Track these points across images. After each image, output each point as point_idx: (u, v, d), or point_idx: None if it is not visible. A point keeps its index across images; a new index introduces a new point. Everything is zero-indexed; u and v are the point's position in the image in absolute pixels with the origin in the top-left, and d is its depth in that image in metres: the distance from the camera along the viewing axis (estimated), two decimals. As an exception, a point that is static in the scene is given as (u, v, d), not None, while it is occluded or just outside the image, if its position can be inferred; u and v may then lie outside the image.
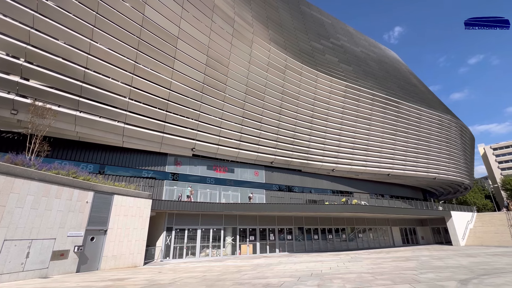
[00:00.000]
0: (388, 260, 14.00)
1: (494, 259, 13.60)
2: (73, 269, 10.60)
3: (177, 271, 11.56)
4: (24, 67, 12.83)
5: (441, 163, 38.81)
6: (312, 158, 27.84)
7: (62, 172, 10.93)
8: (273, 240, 22.19)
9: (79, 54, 14.26)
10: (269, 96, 23.82)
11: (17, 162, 9.37)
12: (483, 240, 27.83)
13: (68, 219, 10.66)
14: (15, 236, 8.78)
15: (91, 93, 15.10)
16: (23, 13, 12.37)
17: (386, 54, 49.76)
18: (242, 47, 21.26)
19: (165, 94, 18.07)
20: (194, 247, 18.56)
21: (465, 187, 47.55)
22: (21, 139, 14.82)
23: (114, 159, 18.81)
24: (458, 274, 8.74)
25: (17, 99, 12.87)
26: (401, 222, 32.31)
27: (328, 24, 39.60)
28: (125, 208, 13.44)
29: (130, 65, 16.23)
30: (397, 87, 38.43)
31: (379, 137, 32.12)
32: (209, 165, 22.99)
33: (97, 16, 14.45)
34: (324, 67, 28.45)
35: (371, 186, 35.72)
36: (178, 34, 17.61)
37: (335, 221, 26.45)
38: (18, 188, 9.08)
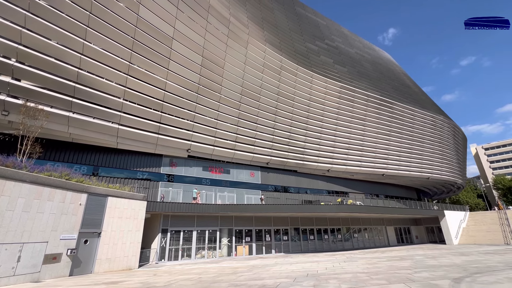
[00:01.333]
0: (383, 260, 14.11)
1: (487, 257, 13.82)
2: (66, 273, 10.42)
3: (172, 273, 11.46)
4: (15, 67, 12.60)
5: (434, 163, 39.33)
6: (308, 158, 27.94)
7: (54, 174, 10.76)
8: (269, 241, 22.18)
9: (72, 54, 14.08)
10: (264, 97, 23.84)
11: (8, 164, 9.18)
12: (476, 238, 28.27)
13: (61, 221, 10.49)
14: (6, 239, 8.60)
15: (84, 94, 14.91)
16: (14, 12, 12.16)
17: (380, 56, 50.28)
18: (237, 48, 21.25)
19: (160, 95, 17.94)
20: (190, 249, 18.43)
21: (457, 186, 48.27)
22: (12, 140, 14.48)
23: (108, 160, 18.58)
24: (451, 272, 8.86)
25: (8, 99, 12.63)
26: (395, 221, 32.63)
27: (323, 26, 39.86)
28: (120, 210, 13.28)
29: (125, 66, 16.08)
30: (391, 88, 38.86)
31: (374, 137, 32.42)
32: (204, 166, 22.88)
33: (90, 16, 14.28)
34: (319, 68, 28.61)
35: (366, 186, 35.99)
36: (173, 35, 17.52)
37: (331, 222, 26.57)
38: (9, 191, 8.90)
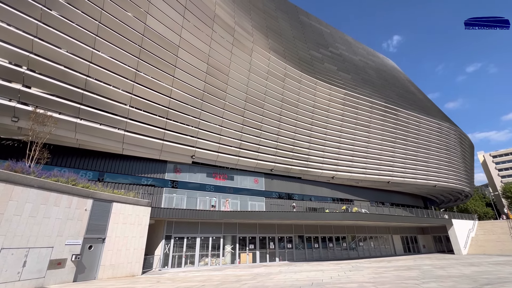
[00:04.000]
0: (390, 269, 13.83)
1: (497, 268, 13.45)
2: (70, 279, 10.43)
3: (175, 280, 11.39)
4: (26, 75, 12.94)
5: (441, 170, 38.75)
6: (312, 165, 27.81)
7: (61, 179, 10.90)
8: (273, 249, 21.93)
9: (81, 62, 14.42)
10: (268, 104, 23.97)
11: (17, 169, 9.35)
12: (485, 248, 27.55)
13: (67, 227, 10.56)
14: (13, 244, 8.68)
15: (92, 101, 15.20)
16: (27, 22, 12.56)
17: (384, 63, 50.35)
18: (242, 56, 21.52)
19: (166, 102, 18.18)
20: (193, 255, 18.33)
21: (465, 194, 47.36)
22: (21, 146, 14.81)
23: (114, 166, 18.76)
24: (461, 284, 8.63)
25: (19, 106, 12.93)
26: (402, 230, 32.04)
27: (327, 34, 40.21)
28: (124, 216, 13.33)
29: (131, 73, 16.39)
30: (396, 95, 38.74)
31: (379, 144, 32.18)
32: (208, 173, 22.92)
33: (99, 25, 14.67)
34: (323, 75, 28.74)
35: (371, 194, 35.55)
36: (179, 43, 17.86)
37: (336, 229, 26.21)
38: (17, 196, 9.03)
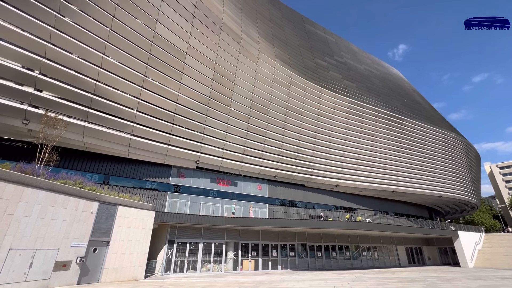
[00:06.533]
0: (394, 281, 13.62)
1: (504, 282, 13.16)
2: (74, 281, 10.48)
3: (178, 286, 11.36)
4: (38, 79, 13.30)
5: (447, 181, 38.29)
6: (316, 173, 27.74)
7: (69, 182, 11.07)
8: (275, 257, 21.75)
9: (91, 67, 14.78)
10: (273, 111, 24.15)
11: (27, 171, 9.54)
12: (492, 262, 26.95)
13: (73, 229, 10.68)
14: (20, 245, 8.81)
15: (100, 105, 15.51)
16: (41, 28, 12.98)
17: (389, 72, 50.48)
18: (248, 63, 21.84)
19: (172, 107, 18.45)
20: (196, 261, 18.26)
21: (472, 206, 46.59)
22: (30, 148, 15.12)
23: (119, 169, 18.97)
24: (467, 296, 8.48)
25: (30, 109, 13.26)
26: (406, 241, 31.51)
27: (332, 42, 40.59)
28: (129, 219, 13.43)
29: (139, 79, 16.73)
30: (401, 104, 38.71)
31: (383, 153, 32.02)
32: (212, 178, 23.00)
33: (110, 32, 15.08)
34: (328, 83, 28.92)
35: (375, 203, 35.18)
36: (186, 50, 18.22)
37: (339, 239, 25.92)
38: (27, 197, 9.20)
